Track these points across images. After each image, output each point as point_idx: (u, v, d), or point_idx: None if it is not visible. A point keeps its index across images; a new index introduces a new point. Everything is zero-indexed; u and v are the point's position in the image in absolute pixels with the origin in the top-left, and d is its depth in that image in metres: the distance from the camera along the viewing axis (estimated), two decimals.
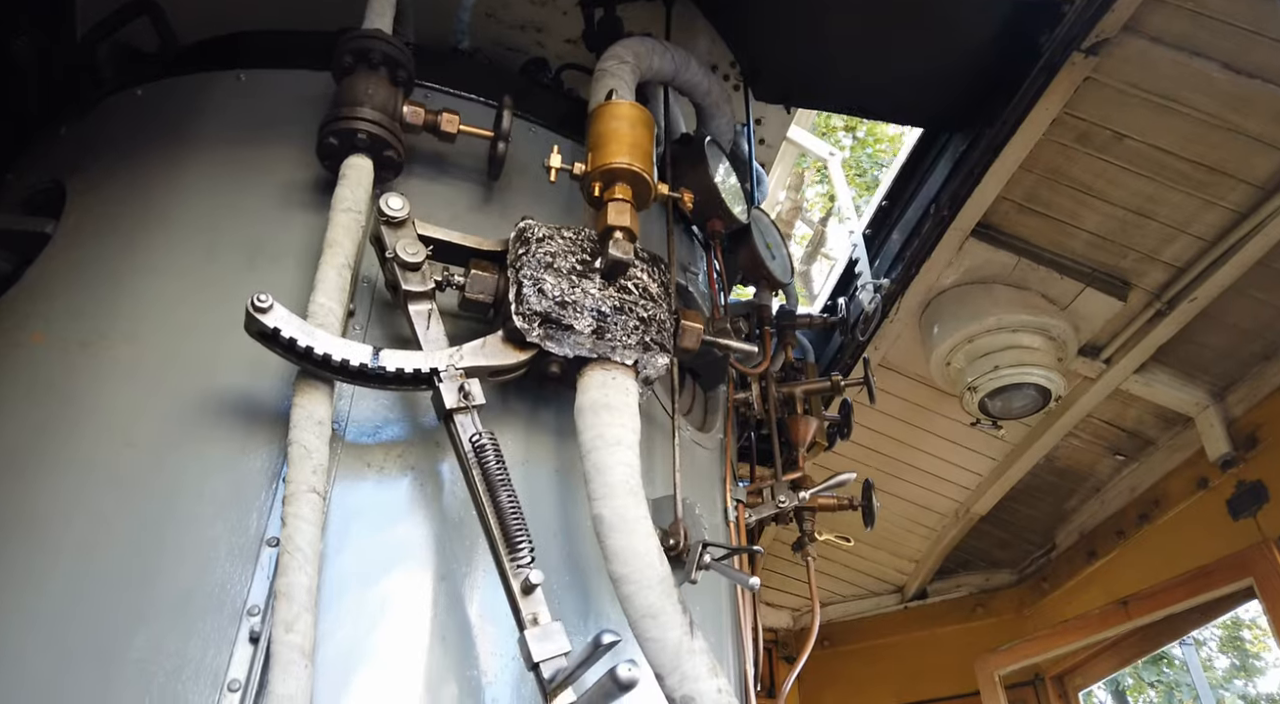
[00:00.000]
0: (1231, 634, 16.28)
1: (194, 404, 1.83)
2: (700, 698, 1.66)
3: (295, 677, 1.47)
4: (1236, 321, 3.79)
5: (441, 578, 1.76)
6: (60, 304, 2.04)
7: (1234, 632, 16.26)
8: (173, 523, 1.68)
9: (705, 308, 2.72)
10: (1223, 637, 16.20)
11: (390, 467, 1.85)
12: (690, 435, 2.51)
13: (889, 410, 4.89)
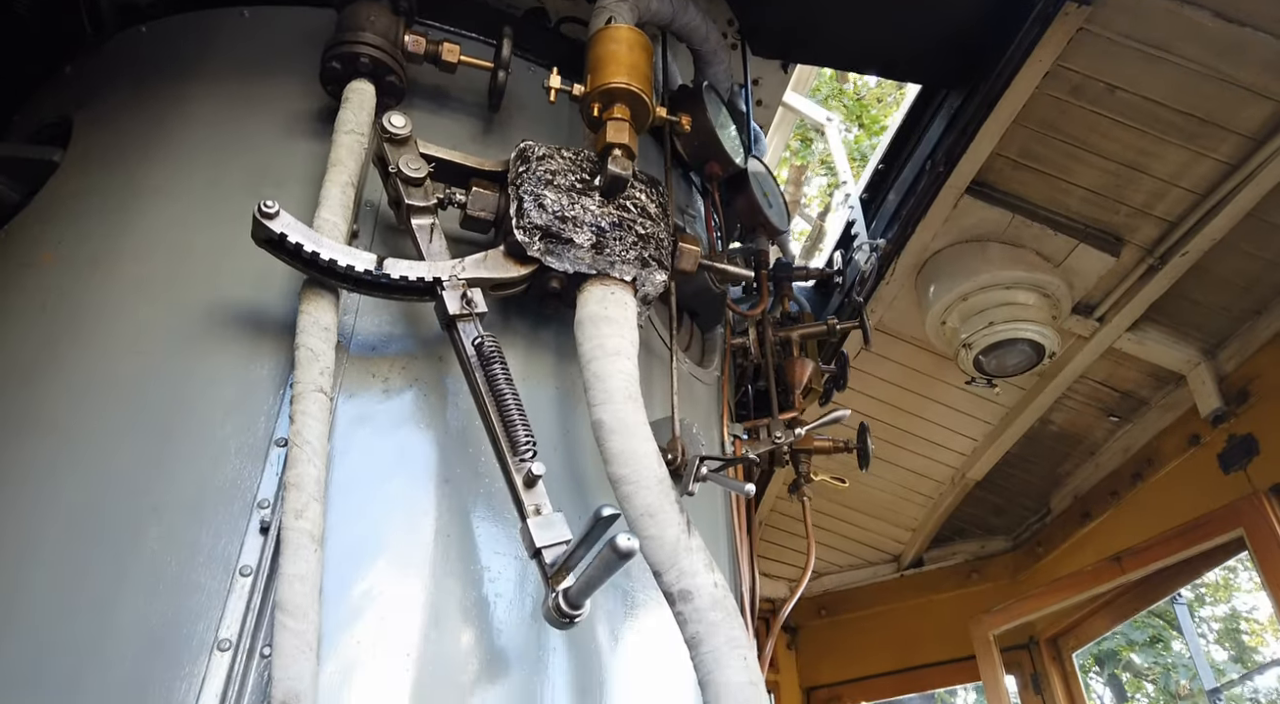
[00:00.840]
0: (1229, 626, 16.36)
1: (201, 317, 1.87)
2: (698, 592, 1.70)
3: (305, 559, 1.51)
4: (1227, 276, 3.84)
5: (445, 481, 1.80)
6: (69, 226, 2.08)
7: (1231, 625, 16.34)
8: (182, 423, 1.73)
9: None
10: (1220, 630, 16.27)
11: (395, 378, 1.89)
12: (688, 368, 2.55)
13: (885, 376, 4.94)
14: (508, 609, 1.72)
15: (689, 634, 1.69)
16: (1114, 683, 16.35)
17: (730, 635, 1.68)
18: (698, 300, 2.65)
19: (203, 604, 1.52)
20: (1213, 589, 15.98)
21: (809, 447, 3.06)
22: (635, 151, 1.98)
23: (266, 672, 1.46)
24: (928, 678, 5.66)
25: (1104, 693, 16.30)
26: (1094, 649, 14.50)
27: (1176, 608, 6.20)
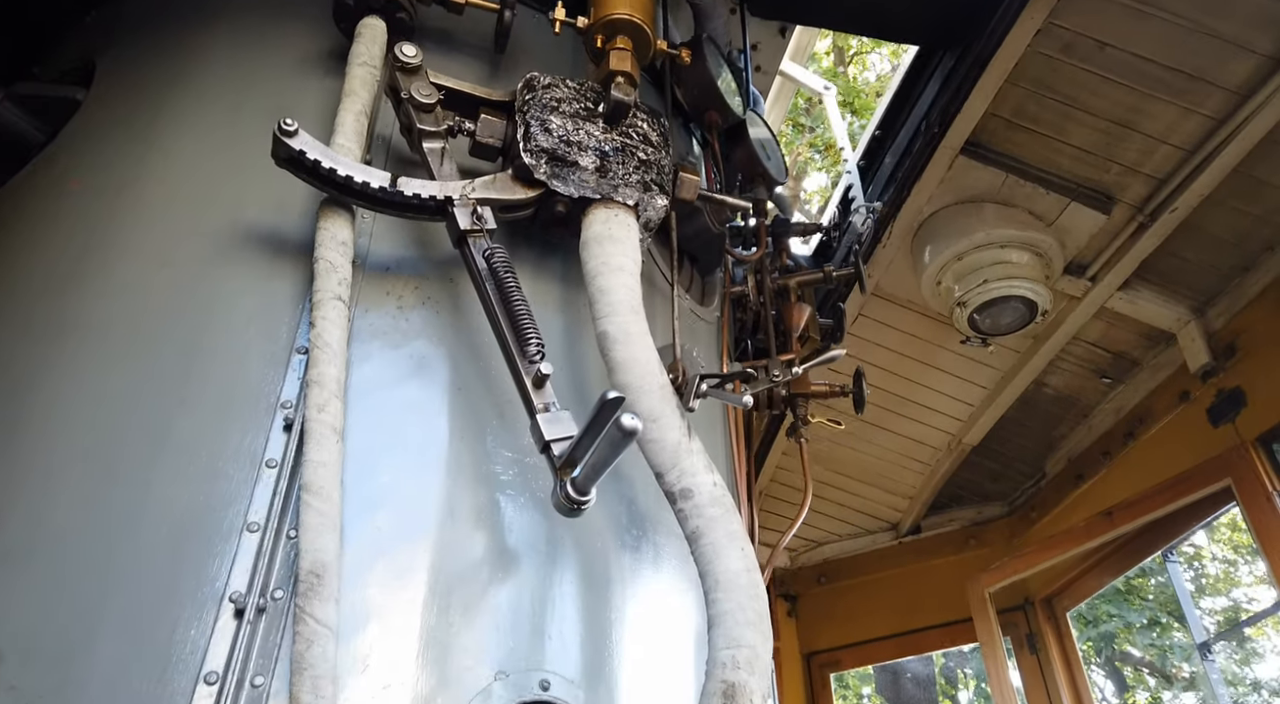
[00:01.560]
0: (1231, 617, 16.40)
1: (224, 237, 1.96)
2: (698, 490, 1.80)
3: (328, 448, 1.61)
4: (1216, 232, 3.92)
5: (458, 389, 1.89)
6: (95, 157, 2.18)
7: (1231, 615, 16.39)
8: (209, 331, 1.82)
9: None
10: (1221, 621, 16.33)
11: (408, 297, 1.98)
12: (689, 305, 2.64)
13: (882, 341, 5.02)
14: (517, 506, 1.81)
15: (689, 529, 1.78)
16: (1115, 675, 16.45)
17: (729, 529, 1.78)
18: (697, 242, 2.73)
19: (232, 491, 1.61)
20: (1213, 581, 16.03)
21: (806, 391, 3.15)
22: (637, 80, 2.07)
23: (293, 550, 1.55)
24: (926, 640, 5.75)
25: (1105, 685, 16.39)
26: (1092, 633, 14.59)
27: (1169, 566, 6.29)
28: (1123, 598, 14.39)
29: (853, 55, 14.83)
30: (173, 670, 1.42)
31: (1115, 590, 14.28)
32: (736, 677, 1.58)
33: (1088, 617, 14.45)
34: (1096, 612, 14.48)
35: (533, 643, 1.67)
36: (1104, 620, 14.45)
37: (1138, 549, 4.57)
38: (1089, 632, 14.45)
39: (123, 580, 1.51)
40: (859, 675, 15.94)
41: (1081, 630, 14.27)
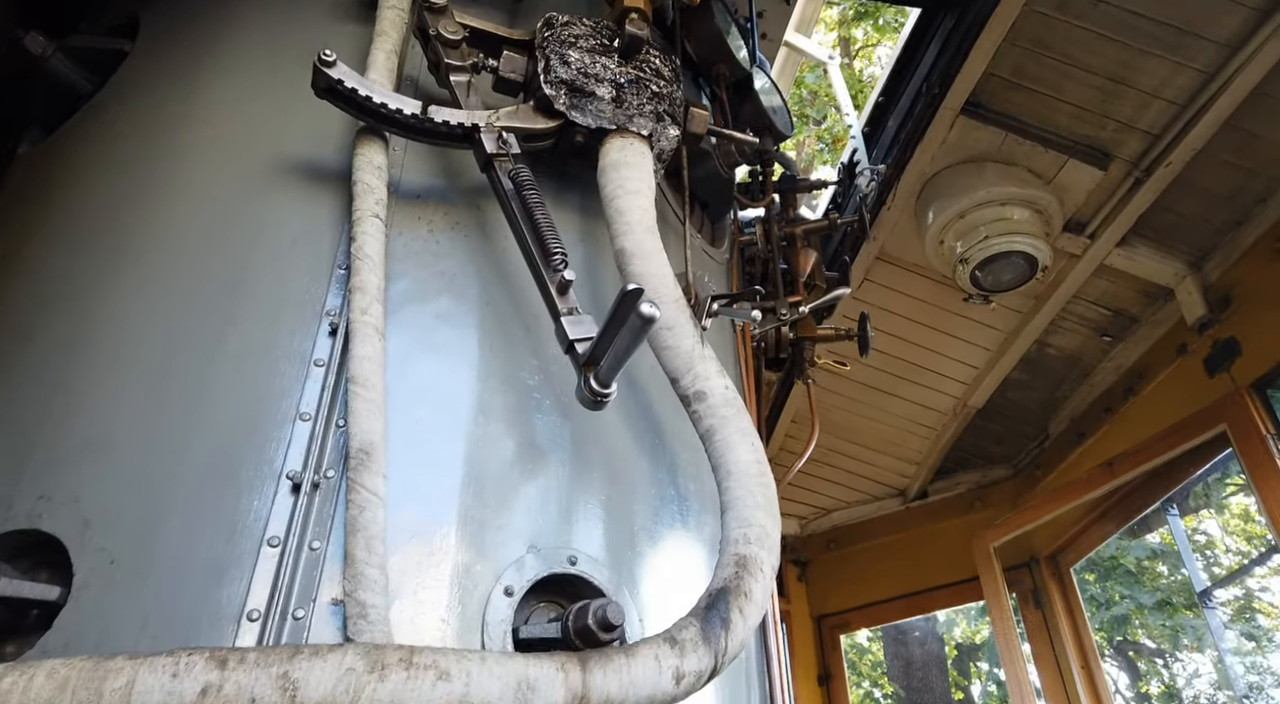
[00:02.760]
0: (1245, 604, 16.43)
1: (267, 169, 2.10)
2: (711, 392, 1.93)
3: (372, 345, 1.75)
4: (1210, 186, 4.04)
5: (486, 303, 2.04)
6: (143, 101, 2.33)
7: (1247, 603, 16.42)
8: (256, 252, 1.97)
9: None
10: (1234, 609, 16.37)
11: (438, 221, 2.13)
12: (700, 243, 2.78)
13: (888, 306, 5.15)
14: (543, 409, 1.95)
15: (704, 428, 1.92)
16: (1130, 667, 16.52)
17: (740, 425, 1.91)
18: (706, 186, 2.87)
19: (284, 386, 1.76)
20: (1226, 571, 16.04)
21: (812, 335, 3.29)
22: (650, 17, 2.21)
23: (342, 437, 1.70)
24: (933, 600, 5.88)
25: (1119, 676, 16.44)
26: (1105, 617, 14.66)
27: (1169, 518, 6.40)
28: (1134, 579, 14.48)
29: (858, 49, 14.93)
30: (239, 536, 1.57)
31: (1127, 572, 14.38)
32: (748, 550, 1.72)
33: (1100, 599, 14.54)
34: (1109, 594, 14.57)
35: (560, 525, 1.81)
36: (1115, 602, 14.52)
37: (1138, 500, 4.69)
38: (1101, 615, 14.53)
39: (191, 463, 1.66)
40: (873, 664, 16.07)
41: (1094, 613, 14.36)
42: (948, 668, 14.54)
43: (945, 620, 16.84)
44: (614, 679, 1.39)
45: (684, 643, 1.50)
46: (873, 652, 17.23)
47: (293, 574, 1.55)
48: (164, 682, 1.14)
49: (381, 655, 1.24)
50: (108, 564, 1.52)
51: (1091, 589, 14.58)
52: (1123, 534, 14.36)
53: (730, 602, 1.60)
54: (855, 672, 16.71)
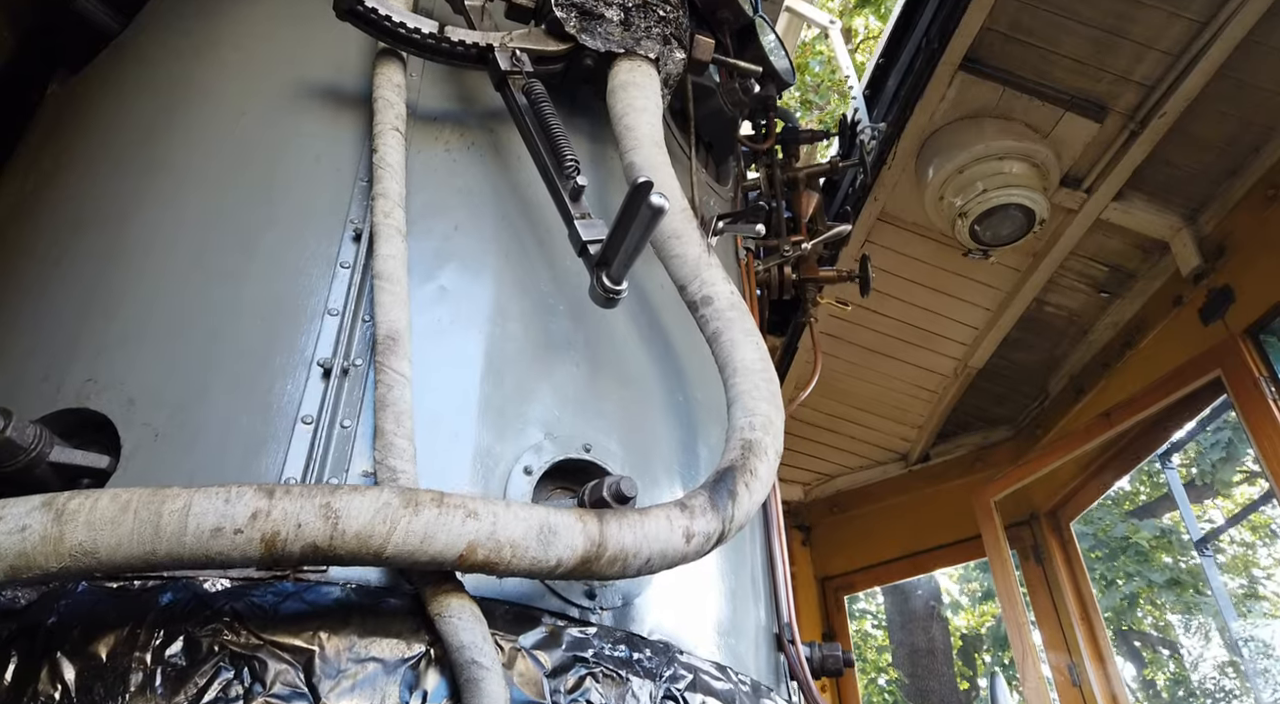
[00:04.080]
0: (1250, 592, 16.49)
1: (291, 91, 2.20)
2: (717, 297, 2.03)
3: (395, 244, 1.86)
4: (1204, 136, 4.12)
5: (502, 217, 2.13)
6: (171, 32, 2.43)
7: (1250, 591, 16.49)
8: (283, 165, 2.07)
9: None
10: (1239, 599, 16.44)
11: (454, 141, 2.22)
12: (705, 179, 2.88)
13: (889, 268, 5.23)
14: (557, 313, 2.05)
15: (710, 331, 2.02)
16: (1134, 656, 16.61)
17: (745, 327, 2.01)
18: (711, 126, 2.97)
19: (312, 285, 1.86)
20: (1232, 561, 16.09)
21: (814, 276, 3.38)
22: None
23: (369, 330, 1.80)
24: (935, 559, 5.98)
25: (1124, 666, 16.54)
26: (1114, 603, 14.75)
27: (1166, 473, 6.48)
28: (1144, 558, 14.57)
29: (860, 41, 14.97)
30: (275, 415, 1.67)
31: (1138, 550, 14.46)
32: (754, 435, 1.82)
33: (1108, 577, 14.63)
34: (1115, 572, 14.65)
35: (576, 417, 1.91)
36: (1123, 581, 14.60)
37: (1136, 451, 4.78)
38: (1111, 595, 14.62)
39: (227, 351, 1.76)
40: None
41: (1102, 593, 14.45)
42: (953, 657, 14.64)
43: (950, 603, 16.95)
44: (629, 532, 1.49)
45: (693, 508, 1.59)
46: (878, 639, 17.35)
47: (326, 448, 1.65)
48: (217, 505, 1.24)
49: (415, 495, 1.34)
50: (152, 438, 1.62)
51: (1100, 568, 14.69)
52: (1135, 514, 14.44)
53: (737, 477, 1.70)
54: (861, 658, 16.81)
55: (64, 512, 1.20)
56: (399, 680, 1.33)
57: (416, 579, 1.46)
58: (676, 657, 1.63)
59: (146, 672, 1.25)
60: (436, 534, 1.32)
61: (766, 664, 2.11)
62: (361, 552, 1.29)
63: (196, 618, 1.31)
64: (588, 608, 1.68)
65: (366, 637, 1.35)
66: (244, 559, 1.25)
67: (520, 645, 1.44)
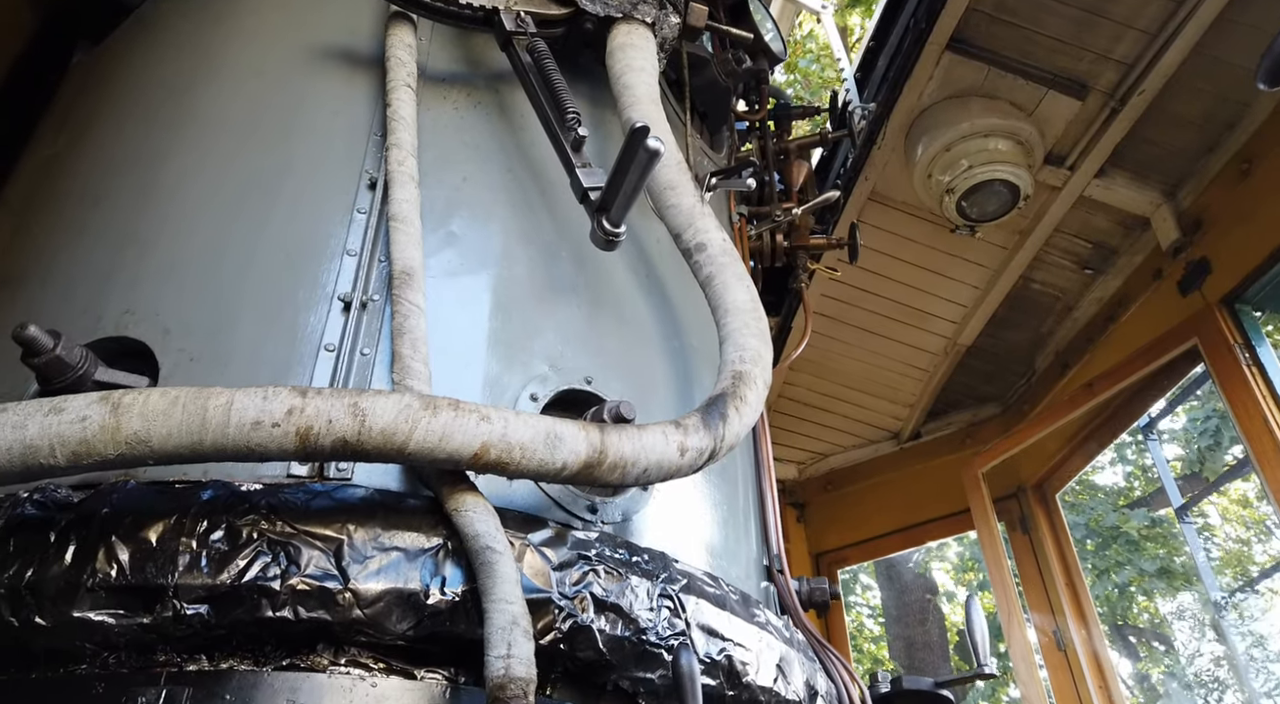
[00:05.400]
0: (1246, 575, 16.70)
1: (307, 52, 2.34)
2: (710, 244, 2.17)
3: (409, 190, 1.99)
4: (1181, 113, 4.26)
5: (508, 170, 2.27)
6: (192, 1, 2.56)
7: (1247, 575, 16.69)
8: (300, 119, 2.20)
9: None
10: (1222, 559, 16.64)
11: (461, 101, 2.36)
12: (700, 144, 3.01)
13: (880, 247, 5.36)
14: (559, 259, 2.19)
15: (704, 276, 2.15)
16: (1130, 651, 16.80)
17: (736, 271, 2.15)
18: (705, 96, 3.10)
19: (331, 229, 2.00)
20: (1226, 557, 16.26)
21: (805, 243, 3.52)
22: None
23: (385, 270, 1.93)
24: (926, 533, 6.12)
25: (1119, 661, 16.72)
26: (1106, 591, 14.93)
27: (1149, 444, 6.63)
28: (1135, 547, 14.77)
29: (855, 41, 15.13)
30: (300, 343, 1.80)
31: (1129, 540, 14.66)
32: (744, 367, 1.95)
33: (1099, 567, 14.82)
34: (1108, 562, 14.84)
35: (578, 352, 2.05)
36: (1115, 570, 14.79)
37: (1118, 423, 4.92)
38: (1103, 583, 14.80)
39: (253, 286, 1.89)
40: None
41: (1094, 582, 14.64)
42: (949, 651, 14.79)
43: (945, 595, 17.12)
44: (628, 442, 1.62)
45: (687, 426, 1.73)
46: (874, 632, 17.52)
47: (347, 373, 1.78)
48: (256, 402, 1.37)
49: (433, 400, 1.48)
50: (188, 361, 1.76)
51: (1091, 559, 14.88)
52: (1130, 505, 14.63)
53: (728, 402, 1.84)
54: (857, 649, 16.97)
55: (120, 405, 1.33)
56: (420, 567, 1.46)
57: (434, 483, 1.60)
58: (672, 563, 1.76)
59: (193, 554, 1.39)
60: (453, 434, 1.45)
61: (757, 591, 2.25)
62: (386, 447, 1.42)
63: (235, 510, 1.44)
64: (590, 521, 1.82)
65: (390, 529, 1.48)
66: (280, 451, 1.38)
67: (529, 542, 1.57)
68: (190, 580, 1.36)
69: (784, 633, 1.94)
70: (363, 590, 1.41)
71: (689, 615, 1.67)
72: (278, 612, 1.38)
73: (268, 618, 1.37)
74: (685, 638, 1.63)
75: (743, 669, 1.71)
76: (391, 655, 1.45)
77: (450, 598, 1.45)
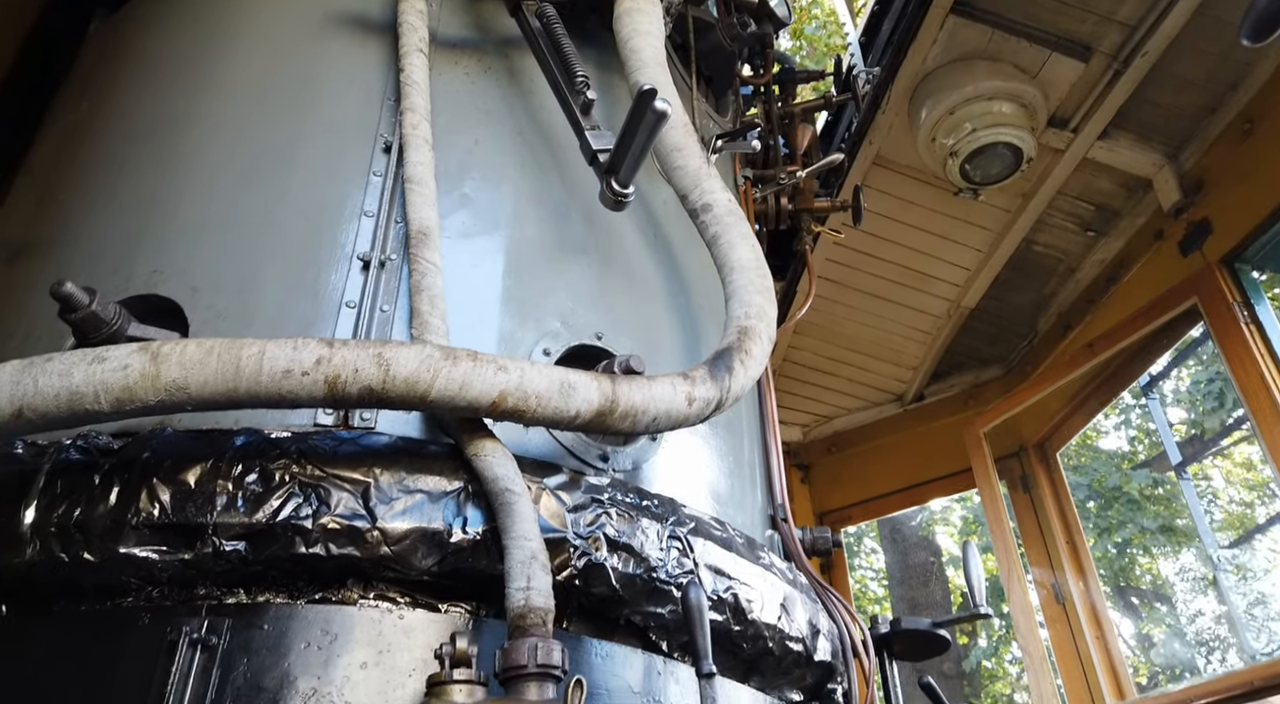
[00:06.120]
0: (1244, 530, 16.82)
1: (320, 20, 2.39)
2: (716, 204, 2.23)
3: (423, 152, 2.05)
4: (1184, 74, 4.28)
5: (518, 133, 2.33)
6: None
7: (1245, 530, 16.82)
8: (316, 85, 2.26)
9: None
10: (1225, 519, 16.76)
11: (472, 66, 2.41)
12: (706, 108, 3.06)
13: (885, 211, 5.40)
14: (569, 220, 2.26)
15: (710, 235, 2.22)
16: (1131, 611, 16.97)
17: (741, 230, 2.21)
18: (711, 60, 3.14)
19: (349, 191, 2.06)
20: (1228, 518, 16.35)
21: (809, 206, 3.57)
22: None
23: (401, 230, 2.00)
24: (928, 492, 6.22)
25: (1120, 621, 16.87)
26: (1106, 551, 15.08)
27: (1149, 403, 6.71)
28: (1137, 507, 14.89)
29: (861, 5, 14.99)
30: (322, 300, 1.88)
31: (1130, 499, 14.80)
32: (749, 323, 2.02)
33: (1101, 525, 14.96)
34: (1109, 522, 14.98)
35: (589, 309, 2.12)
36: (1116, 528, 14.92)
37: (1118, 382, 4.99)
38: (1104, 542, 14.95)
39: (276, 245, 1.97)
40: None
41: (1095, 541, 14.80)
42: (952, 612, 14.95)
43: (949, 560, 17.31)
44: (638, 392, 1.70)
45: (695, 377, 1.81)
46: (878, 594, 17.73)
47: (368, 328, 1.86)
48: (287, 351, 1.45)
49: (453, 351, 1.56)
50: (216, 318, 1.84)
51: (1094, 518, 15.03)
52: (1135, 467, 14.76)
53: (734, 355, 1.91)
54: (860, 610, 17.19)
55: (159, 354, 1.41)
56: (442, 508, 1.55)
57: (454, 431, 1.68)
58: (681, 508, 1.85)
59: (229, 495, 1.48)
60: (472, 382, 1.53)
61: (762, 538, 2.34)
62: (409, 395, 1.50)
63: (268, 455, 1.53)
64: (602, 469, 1.90)
65: (414, 473, 1.57)
66: (310, 399, 1.46)
67: (545, 485, 1.65)
68: (228, 519, 1.45)
69: (787, 575, 2.04)
70: (389, 529, 1.50)
71: (697, 556, 1.76)
72: (310, 548, 1.47)
73: (301, 554, 1.46)
74: (694, 576, 1.72)
75: (748, 606, 1.80)
76: (417, 590, 1.54)
77: (471, 536, 1.54)
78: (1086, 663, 4.86)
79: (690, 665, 1.73)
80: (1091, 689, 4.77)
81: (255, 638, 1.42)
